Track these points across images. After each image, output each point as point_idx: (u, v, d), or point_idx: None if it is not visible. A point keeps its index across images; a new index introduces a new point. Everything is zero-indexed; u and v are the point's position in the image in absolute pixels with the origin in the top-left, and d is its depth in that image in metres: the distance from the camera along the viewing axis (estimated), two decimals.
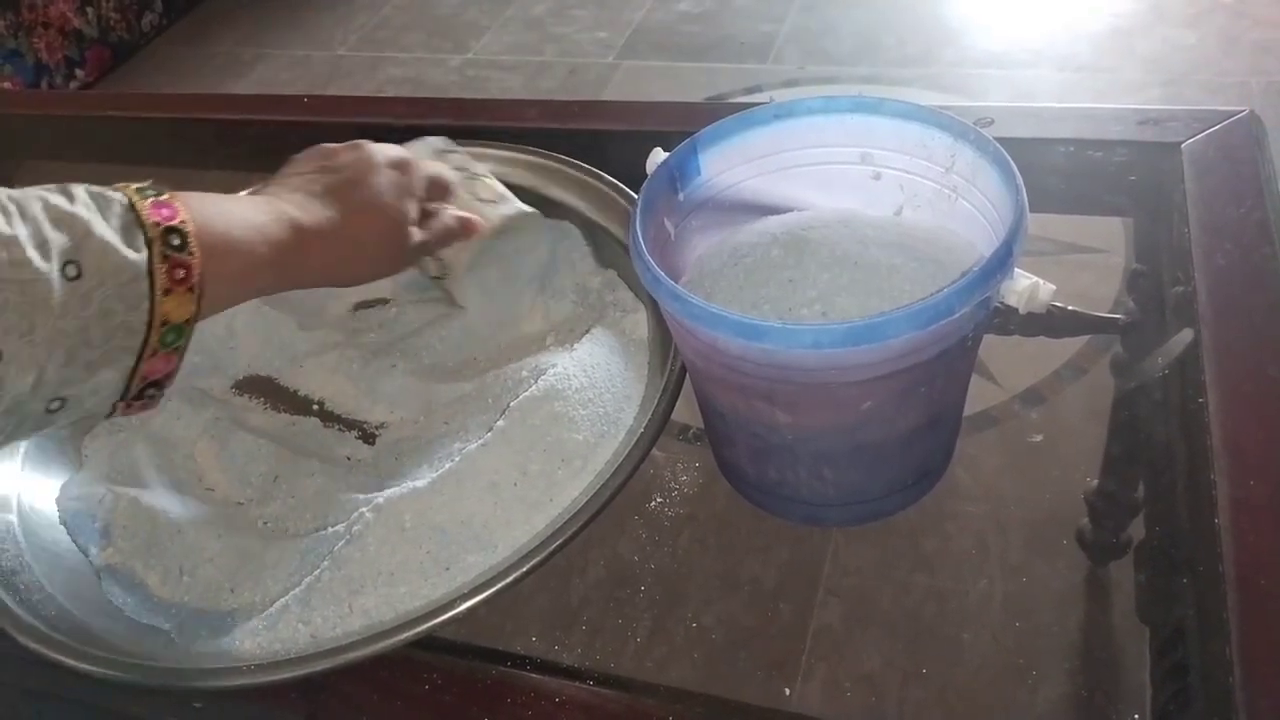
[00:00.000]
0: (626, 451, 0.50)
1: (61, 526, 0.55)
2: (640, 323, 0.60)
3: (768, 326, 0.41)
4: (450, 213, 0.59)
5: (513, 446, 0.51)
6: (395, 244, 0.55)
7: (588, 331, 0.59)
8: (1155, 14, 1.86)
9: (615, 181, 0.64)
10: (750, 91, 1.88)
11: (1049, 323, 0.60)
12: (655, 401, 0.52)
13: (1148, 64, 1.75)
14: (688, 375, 0.53)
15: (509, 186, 0.64)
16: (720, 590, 0.53)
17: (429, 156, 0.62)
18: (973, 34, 1.92)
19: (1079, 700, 0.46)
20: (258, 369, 0.65)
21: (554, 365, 0.55)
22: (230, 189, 0.72)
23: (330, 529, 0.51)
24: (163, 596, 0.52)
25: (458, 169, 0.63)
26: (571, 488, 0.50)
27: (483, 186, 0.63)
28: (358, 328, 0.67)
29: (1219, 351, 0.50)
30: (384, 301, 0.69)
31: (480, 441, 0.51)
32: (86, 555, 0.54)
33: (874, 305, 0.47)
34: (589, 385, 0.54)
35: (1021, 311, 0.44)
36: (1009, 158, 0.47)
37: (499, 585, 0.45)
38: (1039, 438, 0.57)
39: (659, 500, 0.57)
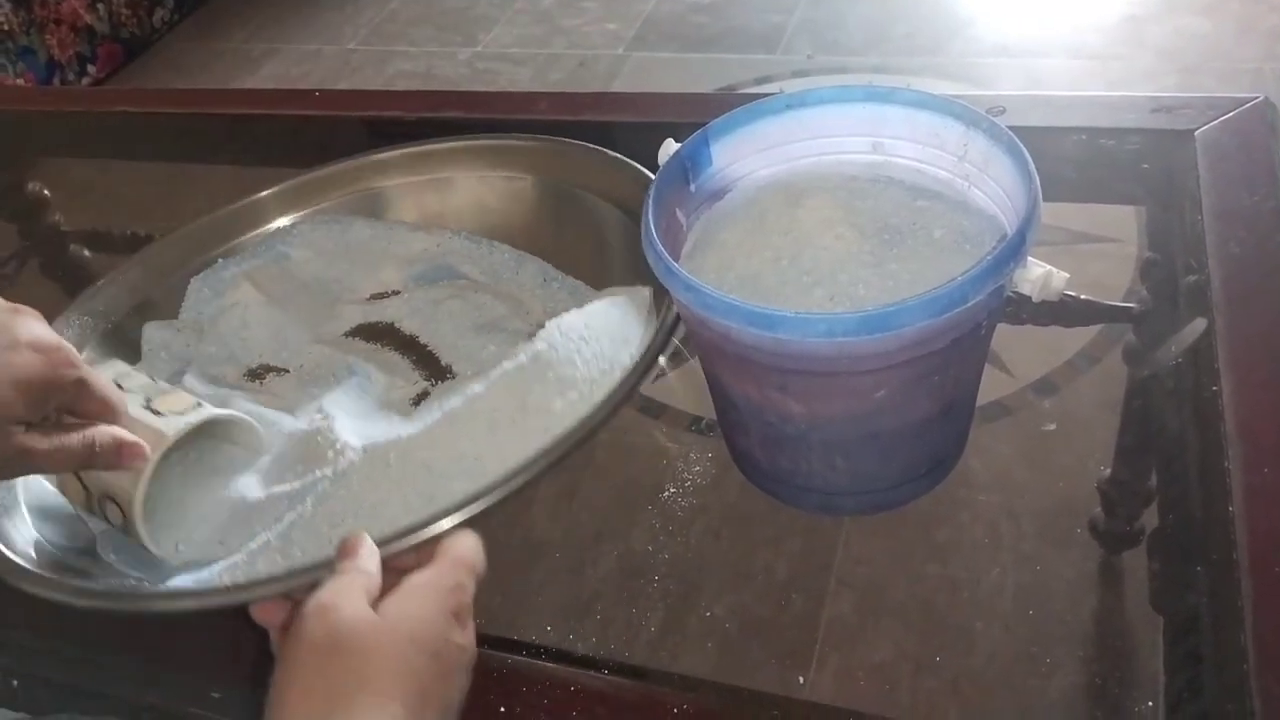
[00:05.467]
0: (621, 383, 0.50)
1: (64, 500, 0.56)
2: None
3: (781, 316, 0.41)
4: (101, 430, 0.48)
5: (512, 387, 0.51)
6: None
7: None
8: (1169, 1, 1.84)
9: (633, 163, 0.64)
10: (760, 82, 1.87)
11: (1062, 311, 0.60)
12: (652, 340, 0.52)
13: (1161, 52, 1.74)
14: (701, 367, 0.53)
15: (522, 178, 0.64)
16: (733, 580, 0.53)
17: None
18: (984, 22, 1.91)
19: (1093, 689, 0.46)
20: (269, 359, 0.65)
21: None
22: (240, 184, 0.73)
23: (318, 472, 0.51)
24: (159, 556, 0.52)
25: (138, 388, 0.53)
26: (569, 419, 0.50)
27: (174, 399, 0.52)
28: (368, 320, 0.67)
29: (1232, 339, 0.50)
30: (396, 294, 0.69)
31: (483, 385, 0.51)
32: (87, 523, 0.54)
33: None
34: (586, 326, 0.54)
35: (1035, 300, 0.44)
36: (1022, 146, 0.47)
37: (482, 504, 0.45)
38: (1052, 427, 0.57)
39: (672, 491, 0.57)
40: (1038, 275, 0.43)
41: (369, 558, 0.42)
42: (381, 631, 0.39)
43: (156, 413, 0.51)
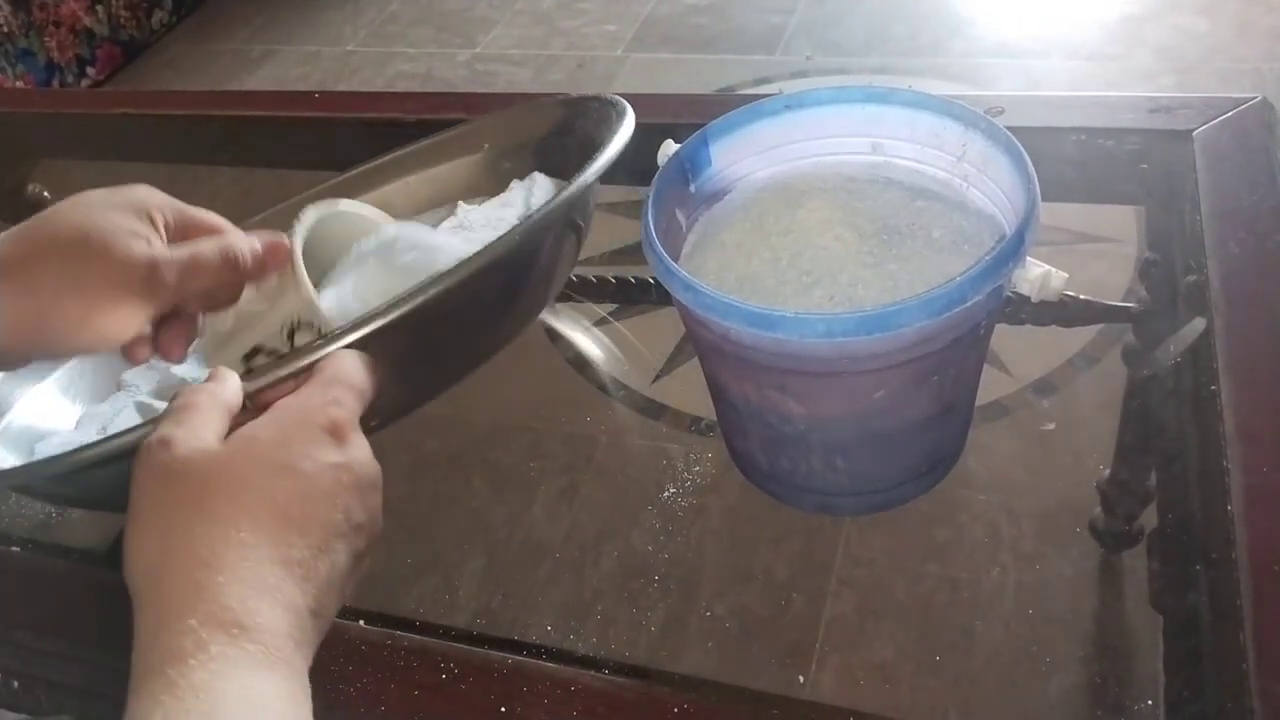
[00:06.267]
0: None
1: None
2: None
3: (780, 316, 0.41)
4: (228, 237, 0.45)
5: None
6: (110, 267, 0.41)
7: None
8: (1167, 1, 1.85)
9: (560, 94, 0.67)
10: (759, 83, 1.87)
11: (1061, 312, 0.60)
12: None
13: (1159, 51, 1.74)
14: (701, 368, 0.53)
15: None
16: (733, 580, 0.53)
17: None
18: (982, 23, 1.91)
19: (1092, 688, 0.46)
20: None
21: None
22: (240, 186, 0.73)
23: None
24: None
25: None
26: None
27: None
28: None
29: (1232, 339, 0.50)
30: None
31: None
32: None
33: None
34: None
35: (1034, 300, 0.44)
36: (1020, 147, 0.47)
37: (381, 320, 0.41)
38: (1051, 426, 0.57)
39: (672, 491, 0.57)
40: (1037, 275, 0.44)
41: (223, 384, 0.38)
42: (223, 457, 0.35)
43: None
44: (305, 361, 0.40)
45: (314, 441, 0.36)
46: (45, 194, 0.97)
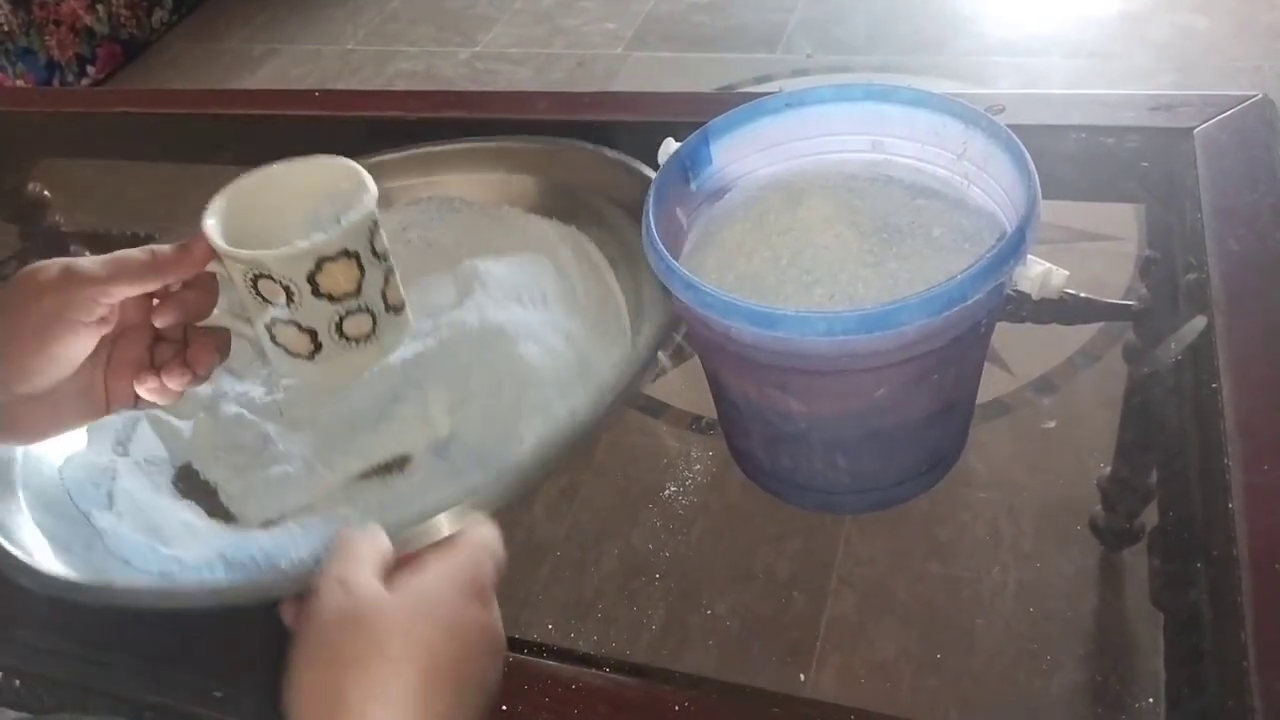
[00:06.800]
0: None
1: (66, 495, 0.55)
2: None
3: (781, 314, 0.41)
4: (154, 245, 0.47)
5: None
6: (40, 293, 0.44)
7: None
8: None
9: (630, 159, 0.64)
10: (760, 81, 1.87)
11: (1061, 309, 0.60)
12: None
13: (1159, 50, 1.74)
14: (701, 366, 0.53)
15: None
16: (734, 579, 0.53)
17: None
18: (984, 21, 1.91)
19: (1093, 685, 0.46)
20: None
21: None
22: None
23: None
24: (172, 547, 0.52)
25: None
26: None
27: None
28: None
29: (1232, 337, 0.50)
30: None
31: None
32: (89, 519, 0.54)
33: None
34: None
35: (1035, 298, 0.44)
36: (1021, 144, 0.47)
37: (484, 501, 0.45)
38: (1052, 424, 0.57)
39: (672, 490, 0.57)
40: (1037, 273, 0.44)
41: (378, 533, 0.42)
42: (398, 607, 0.38)
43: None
44: (439, 531, 0.44)
45: (469, 603, 0.39)
46: (45, 193, 0.97)
